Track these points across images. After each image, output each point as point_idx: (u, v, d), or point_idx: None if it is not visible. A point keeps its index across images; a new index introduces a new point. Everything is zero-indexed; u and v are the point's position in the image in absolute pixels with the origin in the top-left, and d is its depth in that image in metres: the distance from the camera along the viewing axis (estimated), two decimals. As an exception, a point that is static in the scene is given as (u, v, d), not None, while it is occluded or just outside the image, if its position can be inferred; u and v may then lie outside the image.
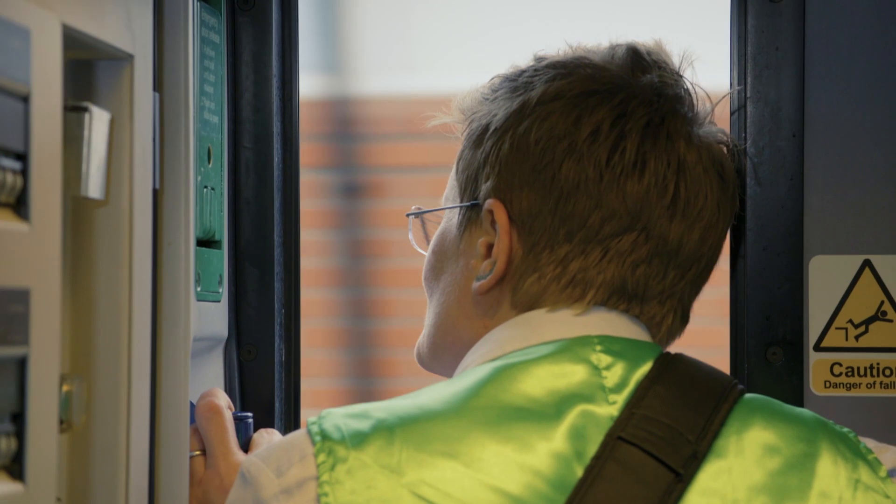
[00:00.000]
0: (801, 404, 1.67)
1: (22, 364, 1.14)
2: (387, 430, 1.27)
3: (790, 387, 1.67)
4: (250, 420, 1.60)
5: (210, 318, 1.64)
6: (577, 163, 1.36)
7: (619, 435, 1.27)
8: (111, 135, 1.35)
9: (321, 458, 1.26)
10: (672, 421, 1.28)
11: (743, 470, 1.27)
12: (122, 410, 1.37)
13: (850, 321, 1.66)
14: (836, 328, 1.67)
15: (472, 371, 1.34)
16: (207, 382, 1.68)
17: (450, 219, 1.45)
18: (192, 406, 1.67)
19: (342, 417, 1.29)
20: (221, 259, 1.66)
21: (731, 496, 1.26)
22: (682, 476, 1.26)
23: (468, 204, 1.42)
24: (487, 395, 1.30)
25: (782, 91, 1.67)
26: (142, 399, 1.40)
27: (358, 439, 1.26)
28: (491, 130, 1.40)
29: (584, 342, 1.34)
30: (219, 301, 1.67)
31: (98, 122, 1.31)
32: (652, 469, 1.26)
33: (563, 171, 1.37)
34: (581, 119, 1.37)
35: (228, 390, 1.73)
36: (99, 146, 1.32)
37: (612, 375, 1.31)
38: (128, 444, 1.38)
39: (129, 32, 1.37)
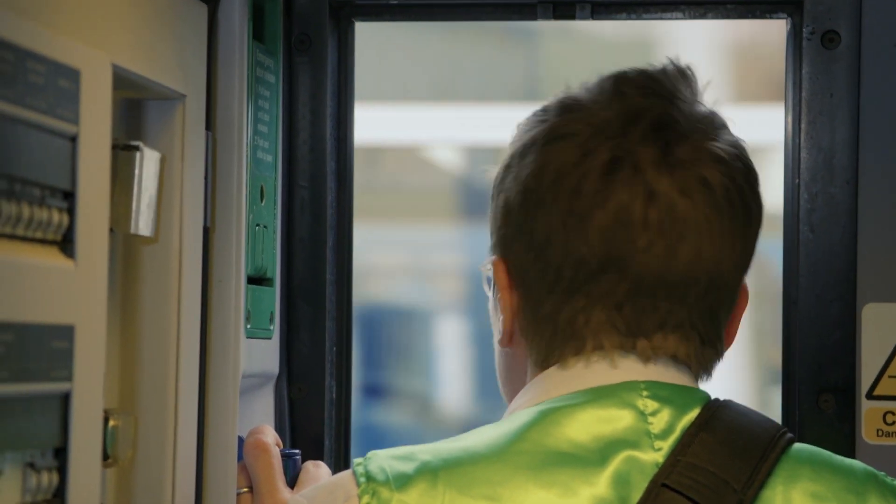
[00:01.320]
0: (852, 452, 1.65)
1: (66, 399, 1.15)
2: (431, 472, 1.27)
3: (842, 435, 1.66)
4: (298, 457, 1.60)
5: (261, 354, 1.65)
6: (546, 214, 1.32)
7: (663, 482, 1.25)
8: (162, 173, 1.37)
9: (365, 499, 1.26)
10: (718, 469, 1.26)
11: None
12: (168, 446, 1.39)
13: (904, 370, 1.65)
14: (889, 376, 1.65)
15: (517, 415, 1.34)
16: (257, 419, 1.69)
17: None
18: (241, 442, 1.68)
19: (387, 459, 1.29)
20: (273, 296, 1.67)
21: None
22: None
23: (488, 263, 1.41)
24: (531, 439, 1.29)
25: (836, 137, 1.66)
26: (188, 435, 1.42)
27: (402, 481, 1.26)
28: (493, 187, 1.40)
29: (630, 387, 1.32)
30: (270, 338, 1.68)
31: (149, 160, 1.33)
32: None
33: (536, 225, 1.33)
34: (546, 167, 1.33)
35: (278, 427, 1.74)
36: (149, 184, 1.33)
37: (659, 422, 1.29)
38: (174, 479, 1.39)
39: (181, 72, 1.38)
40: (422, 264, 4.72)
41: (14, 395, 1.08)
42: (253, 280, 1.62)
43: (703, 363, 1.36)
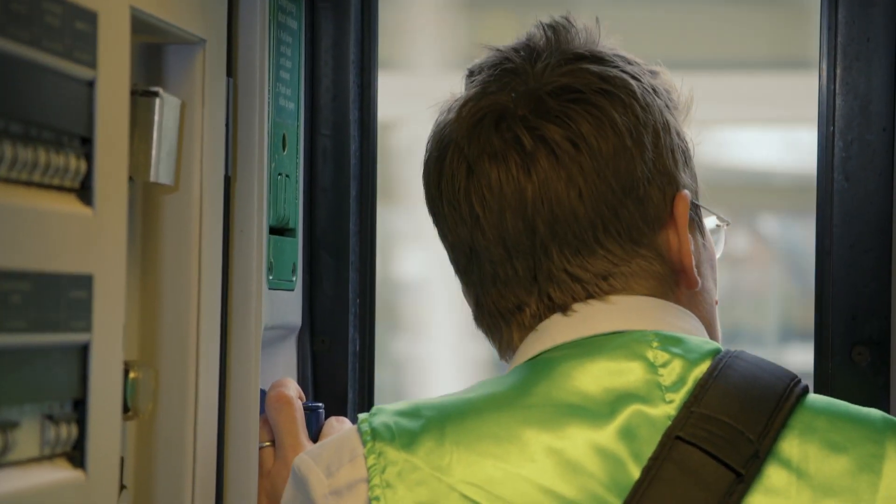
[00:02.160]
0: (887, 405, 1.62)
1: (84, 350, 1.13)
2: (437, 429, 1.25)
3: (876, 387, 1.63)
4: (321, 410, 1.58)
5: (283, 306, 1.62)
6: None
7: (677, 434, 1.22)
8: (182, 120, 1.34)
9: (371, 459, 1.24)
10: (732, 419, 1.23)
11: (807, 471, 1.23)
12: (189, 399, 1.36)
13: (939, 322, 1.62)
14: (924, 328, 1.62)
15: (524, 366, 1.31)
16: (279, 372, 1.66)
17: None
18: (263, 395, 1.66)
19: (393, 415, 1.27)
20: (296, 247, 1.64)
21: (796, 498, 1.22)
22: (744, 476, 1.21)
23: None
24: (540, 392, 1.27)
25: (872, 84, 1.63)
26: (210, 388, 1.39)
27: (408, 440, 1.24)
28: None
29: (640, 338, 1.29)
30: (292, 290, 1.65)
31: (169, 107, 1.29)
32: (712, 469, 1.21)
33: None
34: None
35: (301, 380, 1.71)
36: (169, 132, 1.30)
37: (670, 373, 1.27)
38: (195, 433, 1.36)
39: (202, 16, 1.35)
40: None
41: (32, 345, 1.06)
42: (275, 230, 1.59)
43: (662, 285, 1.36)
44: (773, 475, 1.22)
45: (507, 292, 1.35)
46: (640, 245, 1.34)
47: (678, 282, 1.36)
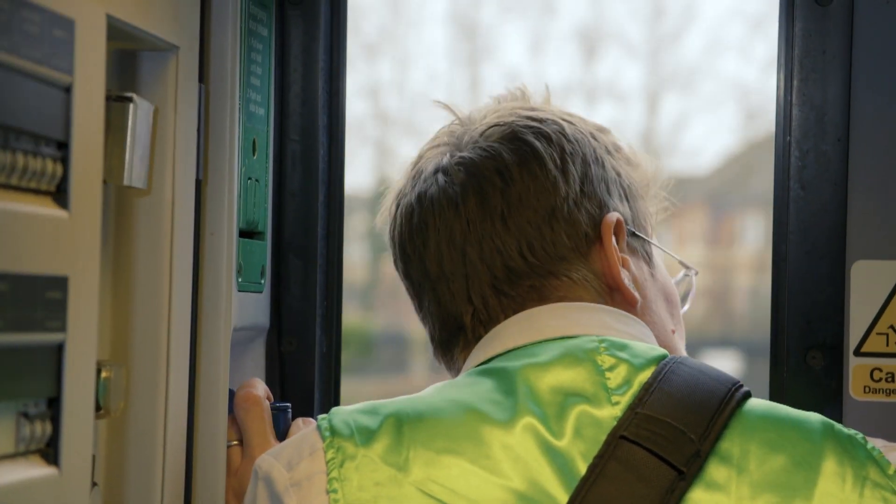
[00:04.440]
0: (839, 409, 1.66)
1: (59, 350, 1.16)
2: (395, 427, 1.29)
3: (829, 391, 1.67)
4: (289, 410, 1.61)
5: (252, 308, 1.65)
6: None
7: (621, 434, 1.28)
8: (155, 125, 1.37)
9: (330, 454, 1.28)
10: (675, 420, 1.29)
11: (747, 467, 1.27)
12: (160, 398, 1.39)
13: (892, 327, 1.65)
14: (878, 333, 1.66)
15: (477, 371, 1.37)
16: (248, 372, 1.69)
17: None
18: (232, 395, 1.68)
19: (351, 413, 1.32)
20: (264, 250, 1.67)
21: (736, 493, 1.26)
22: (685, 474, 1.26)
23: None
24: (493, 394, 1.32)
25: (828, 95, 1.66)
26: (180, 387, 1.42)
27: (366, 436, 1.29)
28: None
29: (588, 342, 1.36)
30: (261, 292, 1.68)
31: (142, 112, 1.32)
32: (654, 467, 1.26)
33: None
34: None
35: (269, 381, 1.74)
36: (142, 136, 1.33)
37: (616, 377, 1.33)
38: (165, 431, 1.39)
39: (175, 24, 1.38)
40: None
41: (8, 344, 1.08)
42: (244, 233, 1.62)
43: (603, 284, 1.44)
44: (714, 472, 1.27)
45: (447, 313, 1.46)
46: (569, 261, 1.41)
47: (616, 298, 1.43)
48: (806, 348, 1.67)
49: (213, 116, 1.48)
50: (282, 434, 1.59)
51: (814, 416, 1.33)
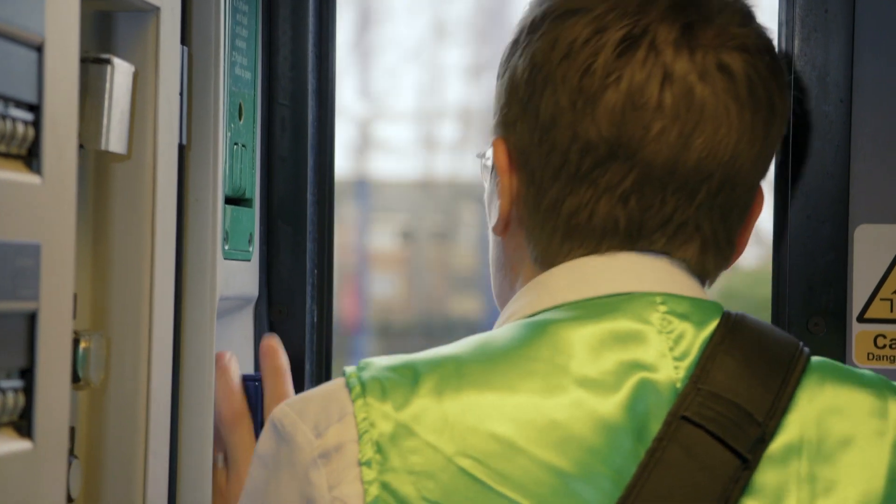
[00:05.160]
0: (843, 377, 1.62)
1: (32, 319, 1.12)
2: (435, 391, 1.16)
3: (832, 358, 1.62)
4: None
5: (239, 277, 1.61)
6: (553, 92, 1.24)
7: (682, 414, 1.16)
8: (135, 88, 1.33)
9: (362, 418, 1.16)
10: (739, 399, 1.17)
11: (815, 445, 1.19)
12: (142, 369, 1.35)
13: (896, 292, 1.62)
14: (881, 299, 1.62)
15: (519, 326, 1.22)
16: (236, 342, 1.66)
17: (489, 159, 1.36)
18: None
19: (383, 370, 1.18)
20: (252, 217, 1.63)
21: (796, 475, 1.18)
22: (749, 462, 1.16)
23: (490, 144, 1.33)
24: (542, 357, 1.18)
25: (830, 55, 1.62)
26: (164, 358, 1.38)
27: (402, 400, 1.16)
28: (500, 64, 1.31)
29: (645, 301, 1.22)
30: (249, 260, 1.64)
31: (120, 74, 1.28)
32: (717, 454, 1.16)
33: (542, 103, 1.25)
34: (557, 42, 1.24)
35: (258, 351, 1.71)
36: (121, 99, 1.29)
37: (676, 341, 1.20)
38: (148, 403, 1.35)
39: (155, -17, 1.34)
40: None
41: (-23, 314, 1.05)
42: (231, 200, 1.58)
43: (707, 268, 1.27)
44: (781, 452, 1.18)
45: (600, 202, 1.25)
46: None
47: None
48: (808, 315, 1.63)
49: (196, 80, 1.44)
50: (260, 412, 1.54)
51: (871, 375, 1.25)
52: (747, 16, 1.27)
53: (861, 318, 1.63)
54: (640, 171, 1.23)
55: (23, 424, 1.12)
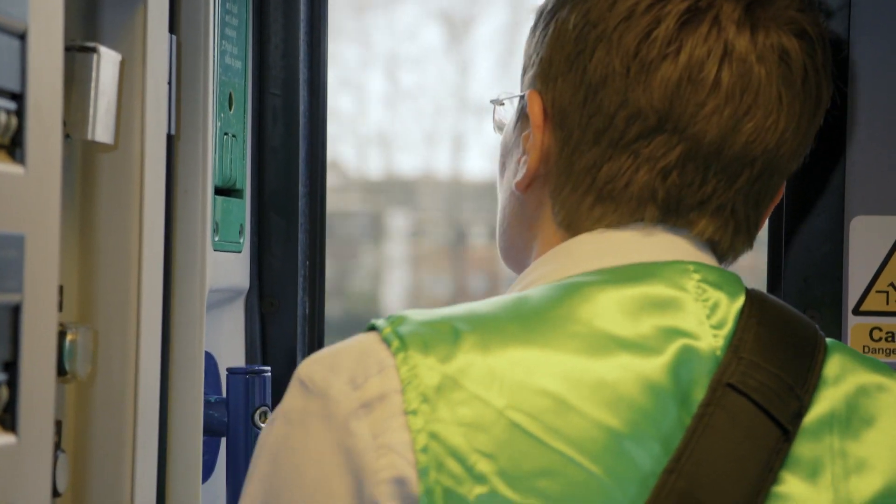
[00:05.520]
0: (838, 370, 1.61)
1: (16, 312, 1.10)
2: (477, 345, 1.12)
3: (828, 352, 1.62)
4: (268, 375, 1.56)
5: (230, 268, 1.60)
6: (607, 53, 1.20)
7: (728, 381, 1.14)
8: (122, 77, 1.31)
9: (405, 371, 1.10)
10: (779, 370, 1.16)
11: (844, 421, 1.17)
12: (130, 362, 1.34)
13: (892, 284, 1.61)
14: (877, 291, 1.61)
15: (554, 288, 1.18)
16: (227, 334, 1.64)
17: (511, 111, 1.31)
18: (212, 358, 1.64)
19: (421, 326, 1.12)
20: (243, 208, 1.62)
21: (838, 447, 1.16)
22: (790, 434, 1.14)
23: (518, 95, 1.28)
24: (582, 318, 1.15)
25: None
26: (152, 350, 1.37)
27: (445, 353, 1.11)
28: (543, 15, 1.26)
29: (679, 269, 1.19)
30: (239, 251, 1.63)
31: (106, 63, 1.27)
32: (760, 423, 1.14)
33: (592, 62, 1.20)
34: (617, 2, 1.20)
35: (249, 342, 1.69)
36: (107, 88, 1.27)
37: (713, 309, 1.17)
38: (136, 396, 1.34)
39: (142, -29, 1.32)
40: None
41: (-41, 306, 1.03)
42: (221, 191, 1.57)
43: (734, 253, 1.26)
44: (815, 427, 1.17)
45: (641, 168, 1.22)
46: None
47: None
48: (804, 307, 1.62)
49: (185, 69, 1.43)
50: (258, 402, 1.53)
51: (889, 367, 1.23)
52: (807, 1, 1.24)
53: (857, 311, 1.61)
54: (686, 146, 1.20)
55: (6, 418, 1.10)
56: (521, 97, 1.28)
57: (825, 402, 1.18)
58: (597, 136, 1.21)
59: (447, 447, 1.09)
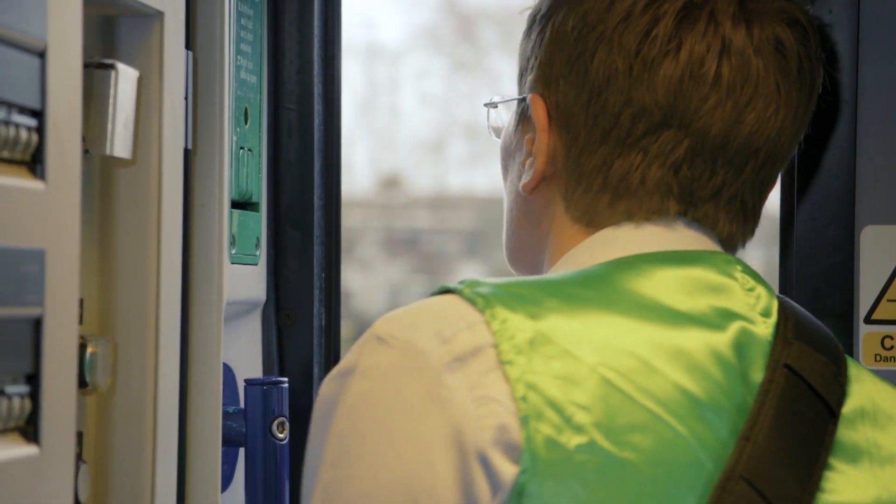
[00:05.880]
0: (850, 378, 1.62)
1: (37, 325, 1.12)
2: (557, 308, 1.13)
3: (840, 360, 1.63)
4: (285, 386, 1.57)
5: (246, 281, 1.62)
6: (608, 53, 1.22)
7: (785, 362, 1.17)
8: (139, 93, 1.33)
9: (496, 325, 1.10)
10: (825, 356, 1.19)
11: (872, 415, 1.21)
12: (149, 374, 1.36)
13: (903, 293, 1.62)
14: (888, 300, 1.62)
15: (609, 266, 1.20)
16: (244, 346, 1.66)
17: (505, 115, 1.34)
18: (230, 370, 1.65)
19: (500, 288, 1.13)
20: (259, 222, 1.64)
21: (871, 437, 1.20)
22: (836, 418, 1.18)
23: (518, 98, 1.30)
24: (646, 293, 1.17)
25: (835, 56, 1.62)
26: (171, 363, 1.39)
27: (533, 310, 1.12)
28: (537, 19, 1.28)
29: (724, 259, 1.22)
30: (256, 264, 1.64)
31: (124, 79, 1.29)
32: (814, 406, 1.17)
33: (594, 63, 1.23)
34: (614, 4, 1.23)
35: (266, 355, 1.71)
36: (126, 104, 1.29)
37: (757, 299, 1.20)
38: (155, 408, 1.36)
39: (159, -11, 1.34)
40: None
41: (-18, 319, 1.05)
42: (238, 205, 1.59)
43: (742, 241, 1.28)
44: (852, 415, 1.20)
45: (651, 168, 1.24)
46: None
47: None
48: (815, 317, 1.62)
49: (201, 84, 1.45)
50: (276, 412, 1.54)
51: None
52: None
53: (868, 320, 1.62)
54: (692, 141, 1.23)
55: (29, 430, 1.12)
56: (522, 100, 1.29)
57: (856, 397, 1.21)
58: (604, 136, 1.24)
59: (545, 397, 1.10)
